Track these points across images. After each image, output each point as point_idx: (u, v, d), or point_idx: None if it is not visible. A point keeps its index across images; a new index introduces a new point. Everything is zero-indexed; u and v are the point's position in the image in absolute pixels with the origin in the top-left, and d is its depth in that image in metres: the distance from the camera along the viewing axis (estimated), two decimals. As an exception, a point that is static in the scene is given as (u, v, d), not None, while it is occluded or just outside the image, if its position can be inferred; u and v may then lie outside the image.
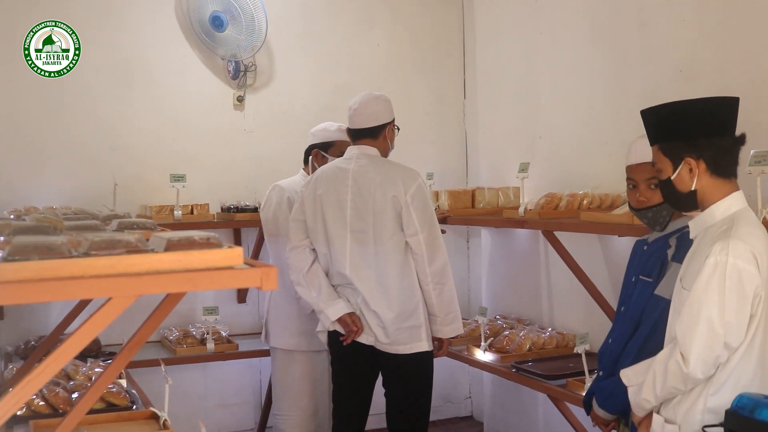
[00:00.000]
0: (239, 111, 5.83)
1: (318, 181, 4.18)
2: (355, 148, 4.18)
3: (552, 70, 5.33)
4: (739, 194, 2.69)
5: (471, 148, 6.36)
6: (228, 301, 5.77)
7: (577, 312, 5.01)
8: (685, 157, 2.67)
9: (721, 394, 2.54)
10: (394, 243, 4.02)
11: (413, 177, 4.07)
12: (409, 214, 3.99)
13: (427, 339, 4.06)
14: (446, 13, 6.36)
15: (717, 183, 2.66)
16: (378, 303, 4.02)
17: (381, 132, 4.18)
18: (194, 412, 5.42)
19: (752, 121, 3.80)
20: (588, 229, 4.26)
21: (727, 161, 2.67)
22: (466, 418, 6.45)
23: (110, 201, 5.16)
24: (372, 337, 4.06)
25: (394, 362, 4.07)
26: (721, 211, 2.65)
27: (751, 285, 2.50)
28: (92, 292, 1.67)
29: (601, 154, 4.85)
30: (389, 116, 4.20)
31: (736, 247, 2.50)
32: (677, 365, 2.54)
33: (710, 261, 2.52)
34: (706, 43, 4.12)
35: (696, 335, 2.50)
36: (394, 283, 4.02)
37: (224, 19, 5.55)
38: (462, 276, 6.39)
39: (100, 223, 2.28)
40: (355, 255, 4.05)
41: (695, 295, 2.54)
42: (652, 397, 2.67)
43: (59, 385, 3.61)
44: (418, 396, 4.17)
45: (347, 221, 4.07)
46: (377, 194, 4.01)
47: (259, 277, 1.76)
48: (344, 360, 4.22)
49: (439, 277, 4.04)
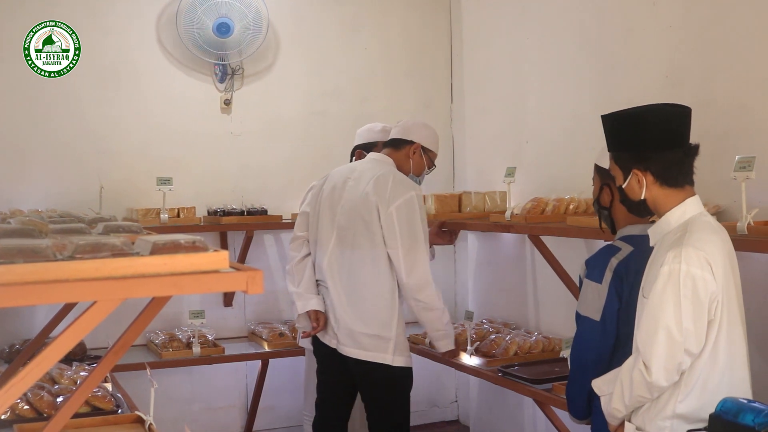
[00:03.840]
0: (226, 114, 5.82)
1: (329, 177, 4.26)
2: (374, 153, 4.26)
3: (539, 75, 5.35)
4: (693, 200, 2.72)
5: (458, 153, 6.37)
6: (214, 304, 5.75)
7: (563, 316, 5.02)
8: (633, 168, 2.73)
9: (690, 400, 2.58)
10: (374, 251, 4.01)
11: (404, 191, 4.02)
12: (391, 225, 3.97)
13: (395, 355, 4.02)
14: (434, 18, 6.37)
15: (668, 193, 2.71)
16: (343, 306, 4.04)
17: (404, 147, 4.22)
18: (180, 416, 5.41)
19: (737, 127, 3.83)
20: (574, 234, 4.27)
21: (676, 173, 2.71)
22: (453, 422, 6.45)
23: (96, 204, 5.15)
24: (335, 340, 4.09)
25: (362, 369, 4.07)
26: (676, 218, 2.69)
27: (706, 291, 2.53)
28: (77, 295, 1.66)
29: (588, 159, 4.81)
30: (420, 138, 4.23)
31: (689, 254, 2.54)
32: (640, 374, 2.57)
33: (664, 269, 2.56)
34: (693, 49, 4.14)
35: (656, 344, 2.54)
36: (368, 290, 4.02)
37: (231, 24, 5.53)
38: (449, 280, 6.40)
39: (85, 226, 2.27)
40: (334, 253, 4.08)
41: (652, 304, 2.58)
42: (621, 406, 2.69)
43: (44, 389, 3.59)
44: (391, 408, 4.15)
45: (336, 219, 4.10)
46: (363, 200, 4.03)
47: (245, 280, 1.75)
48: (321, 363, 4.29)
49: (417, 293, 4.00)
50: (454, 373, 6.17)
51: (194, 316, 5.13)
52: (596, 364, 2.97)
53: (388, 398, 4.14)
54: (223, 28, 5.52)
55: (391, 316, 4.02)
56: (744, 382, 2.65)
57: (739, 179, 3.32)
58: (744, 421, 2.34)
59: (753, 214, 3.30)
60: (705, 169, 2.82)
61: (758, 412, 2.33)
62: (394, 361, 4.03)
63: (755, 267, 3.67)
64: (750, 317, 2.83)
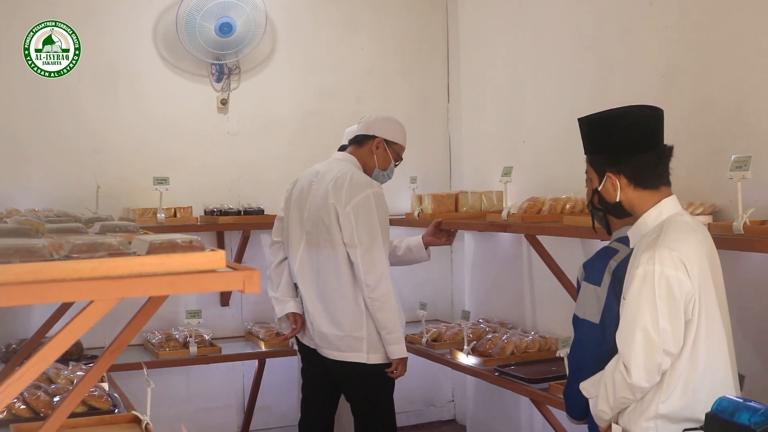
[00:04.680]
0: (223, 114, 5.82)
1: (298, 180, 4.28)
2: (338, 153, 4.26)
3: (536, 74, 5.35)
4: (669, 200, 2.74)
5: (455, 152, 6.37)
6: (211, 304, 5.75)
7: (560, 316, 5.02)
8: (607, 171, 2.76)
9: (672, 400, 2.59)
10: (335, 254, 4.01)
11: (361, 188, 3.99)
12: (349, 224, 3.95)
13: (369, 353, 4.02)
14: (430, 17, 6.38)
15: (643, 194, 2.74)
16: (316, 309, 4.06)
17: (366, 142, 4.20)
18: (177, 416, 5.40)
19: (733, 127, 3.83)
20: (571, 233, 4.28)
21: (650, 175, 2.73)
22: (449, 421, 6.45)
23: (93, 204, 5.14)
24: (313, 342, 4.13)
25: (340, 370, 4.10)
26: (653, 218, 2.72)
27: (681, 291, 2.55)
28: (74, 295, 1.66)
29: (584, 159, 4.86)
30: (382, 132, 4.20)
31: (662, 255, 2.55)
32: (621, 376, 2.59)
33: (639, 271, 2.58)
34: (689, 49, 4.14)
35: (634, 345, 2.55)
36: (334, 293, 4.03)
37: (233, 23, 5.52)
38: (445, 280, 6.41)
39: (82, 225, 2.28)
40: (304, 256, 4.11)
41: (629, 306, 2.60)
42: (607, 408, 2.70)
43: (40, 389, 3.59)
44: (375, 407, 4.17)
45: (303, 223, 4.12)
46: (323, 200, 4.03)
47: (242, 280, 1.75)
48: (304, 362, 4.34)
49: (373, 292, 3.96)
50: (451, 372, 6.17)
51: (191, 316, 5.13)
52: (595, 367, 2.97)
53: (370, 398, 4.16)
54: (225, 28, 5.52)
55: (359, 316, 4.01)
56: (727, 381, 2.66)
57: (735, 179, 3.32)
58: (740, 420, 2.34)
59: (749, 213, 3.30)
60: (701, 169, 2.83)
61: (754, 411, 2.33)
62: (369, 359, 4.03)
63: (751, 266, 3.67)
64: (746, 316, 2.83)
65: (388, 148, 4.23)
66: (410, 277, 6.05)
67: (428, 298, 5.81)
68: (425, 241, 4.57)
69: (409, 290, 6.08)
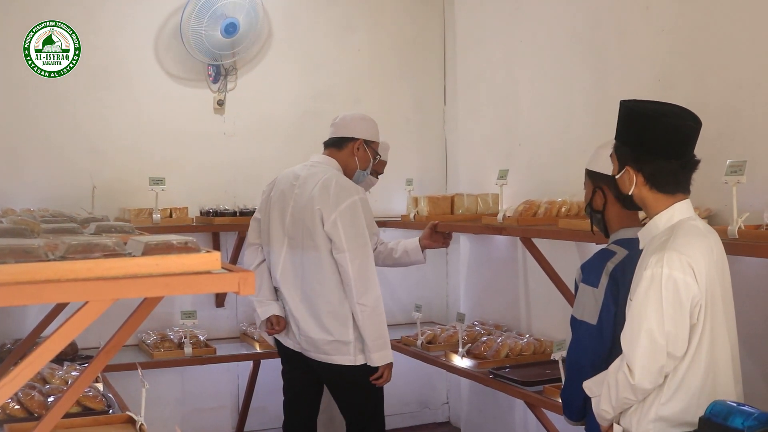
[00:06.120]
0: (219, 115, 5.82)
1: (275, 183, 4.26)
2: (317, 156, 4.23)
3: (532, 77, 5.36)
4: (683, 204, 2.73)
5: (451, 155, 6.38)
6: (206, 305, 5.74)
7: (555, 319, 5.03)
8: (627, 165, 2.74)
9: (672, 403, 2.59)
10: (319, 258, 4.00)
11: (348, 194, 4.00)
12: (336, 231, 3.95)
13: (356, 354, 4.02)
14: (427, 19, 6.38)
15: (657, 197, 2.73)
16: (301, 313, 4.05)
17: (346, 145, 4.19)
18: (171, 417, 5.40)
19: (729, 131, 3.84)
20: (566, 237, 4.28)
21: (668, 182, 2.71)
22: (444, 423, 6.45)
23: (88, 204, 5.14)
24: (298, 346, 4.13)
25: (328, 372, 4.11)
26: (664, 221, 2.71)
27: (688, 295, 2.55)
28: (69, 295, 1.66)
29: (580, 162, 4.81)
30: (361, 134, 4.20)
31: (671, 258, 2.55)
32: (624, 376, 2.59)
33: (647, 273, 2.58)
34: (685, 53, 4.15)
35: (638, 346, 2.56)
36: (319, 298, 4.02)
37: (237, 23, 5.53)
38: (440, 282, 6.41)
39: (77, 226, 2.27)
40: (287, 261, 4.10)
41: (635, 307, 2.60)
42: (609, 408, 2.71)
43: (35, 389, 3.58)
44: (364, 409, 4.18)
45: (285, 227, 4.11)
46: (308, 206, 4.01)
47: (237, 281, 1.76)
48: (286, 365, 4.34)
49: (361, 298, 3.95)
50: (445, 374, 6.18)
51: (186, 317, 5.12)
52: (593, 368, 2.98)
53: (359, 400, 4.17)
54: (231, 28, 5.52)
55: (345, 320, 4.00)
56: (728, 386, 2.66)
57: (730, 183, 3.33)
58: (733, 424, 2.35)
59: (744, 218, 3.31)
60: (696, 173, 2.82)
61: (747, 415, 2.34)
62: (356, 360, 4.02)
63: (746, 271, 3.68)
64: (740, 321, 2.83)
65: (368, 148, 4.24)
66: (405, 279, 6.06)
67: (423, 300, 5.82)
68: (422, 244, 4.56)
69: (405, 292, 6.08)
